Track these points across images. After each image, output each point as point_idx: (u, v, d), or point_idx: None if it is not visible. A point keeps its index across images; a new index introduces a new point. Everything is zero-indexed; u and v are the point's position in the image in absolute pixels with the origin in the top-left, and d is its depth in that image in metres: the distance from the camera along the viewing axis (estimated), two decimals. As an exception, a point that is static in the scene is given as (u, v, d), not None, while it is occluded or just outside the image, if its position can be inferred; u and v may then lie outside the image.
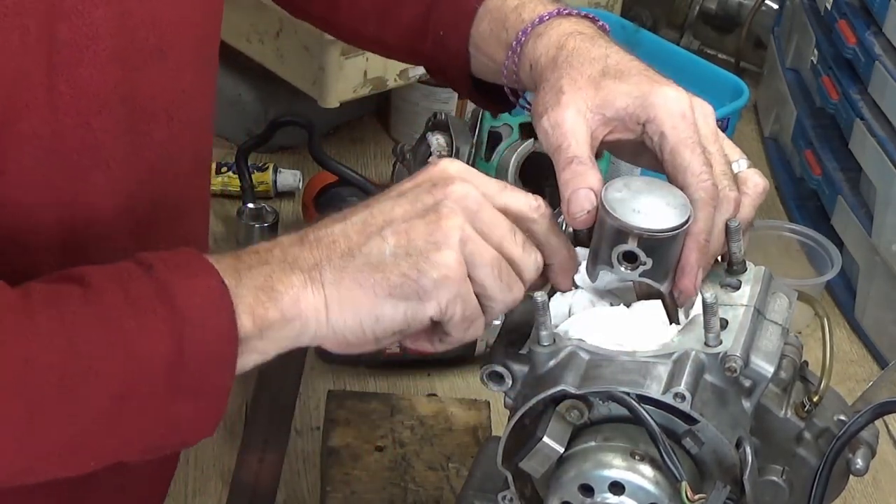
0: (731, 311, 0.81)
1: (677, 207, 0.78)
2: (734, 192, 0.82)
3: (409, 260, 0.73)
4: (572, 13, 0.92)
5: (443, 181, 0.75)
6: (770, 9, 1.83)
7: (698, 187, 0.80)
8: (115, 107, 0.82)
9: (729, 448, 0.77)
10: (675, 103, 0.83)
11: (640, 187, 0.79)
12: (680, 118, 0.82)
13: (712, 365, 0.78)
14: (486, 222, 0.75)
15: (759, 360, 0.79)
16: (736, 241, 0.84)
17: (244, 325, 0.72)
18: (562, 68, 0.86)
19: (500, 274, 0.75)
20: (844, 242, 1.46)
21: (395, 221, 0.74)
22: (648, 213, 0.77)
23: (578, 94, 0.84)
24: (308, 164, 1.55)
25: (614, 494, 0.76)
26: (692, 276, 0.80)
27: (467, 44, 0.97)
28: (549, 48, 0.88)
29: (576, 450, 0.78)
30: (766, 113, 1.78)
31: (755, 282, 0.84)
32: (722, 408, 0.78)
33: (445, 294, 0.74)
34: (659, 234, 0.77)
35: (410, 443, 1.18)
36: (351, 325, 0.74)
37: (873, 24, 1.41)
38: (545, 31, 0.90)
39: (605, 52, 0.87)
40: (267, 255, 0.75)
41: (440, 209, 0.74)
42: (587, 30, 0.90)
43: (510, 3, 0.94)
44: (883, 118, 1.38)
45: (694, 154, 0.81)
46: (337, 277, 0.74)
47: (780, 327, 0.82)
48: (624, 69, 0.85)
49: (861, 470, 0.84)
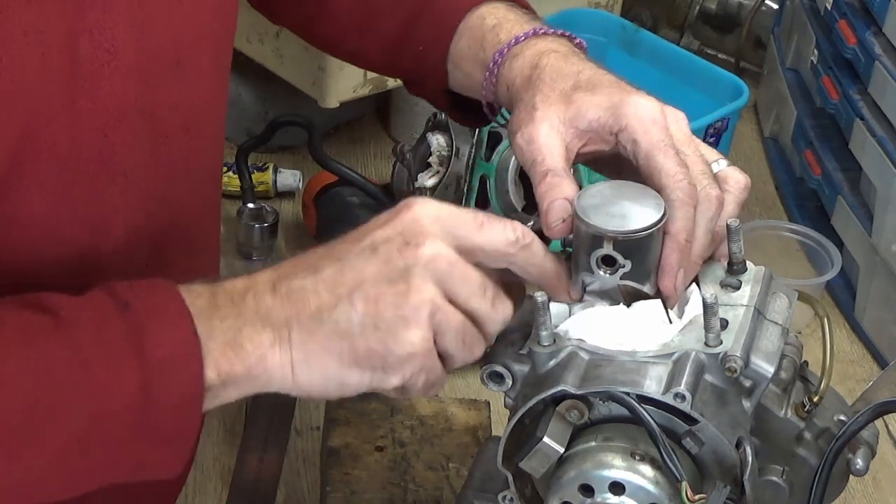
0: (732, 311, 0.81)
1: (651, 207, 0.78)
2: (716, 191, 0.82)
3: (376, 333, 0.73)
4: (549, 32, 0.92)
5: (415, 238, 0.74)
6: (770, 9, 1.83)
7: (674, 187, 0.80)
8: (134, 120, 0.82)
9: (729, 448, 0.77)
10: (645, 110, 0.83)
11: (614, 192, 0.80)
12: (651, 123, 0.82)
13: (712, 365, 0.78)
14: (457, 281, 0.74)
15: (759, 360, 0.79)
16: (736, 242, 0.84)
17: (209, 377, 0.73)
18: (535, 86, 0.87)
19: (464, 338, 0.76)
20: (844, 242, 1.46)
21: (365, 284, 0.73)
22: (622, 216, 0.78)
23: (551, 109, 0.84)
24: (308, 164, 1.55)
25: (614, 494, 0.76)
26: (672, 277, 0.80)
27: (446, 60, 0.97)
28: (523, 68, 0.89)
29: (576, 450, 0.78)
30: (766, 113, 1.78)
31: (755, 282, 0.84)
32: (722, 408, 0.78)
33: (410, 368, 0.75)
34: (633, 235, 0.77)
35: (410, 443, 1.18)
36: (317, 385, 0.75)
37: (873, 24, 1.41)
38: (521, 51, 0.91)
39: (577, 68, 0.87)
40: (241, 302, 0.74)
41: (410, 278, 0.73)
42: (561, 48, 0.90)
43: (488, 22, 0.95)
44: (883, 118, 1.38)
45: (667, 156, 0.81)
46: (304, 339, 0.74)
47: (780, 327, 0.82)
48: (595, 82, 0.86)
49: (861, 470, 0.84)
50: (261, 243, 1.47)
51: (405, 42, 1.00)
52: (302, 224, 1.52)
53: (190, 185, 0.91)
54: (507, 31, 0.93)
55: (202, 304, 0.74)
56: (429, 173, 1.38)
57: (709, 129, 1.48)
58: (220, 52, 0.91)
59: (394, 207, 0.76)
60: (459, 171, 1.37)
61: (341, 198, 1.45)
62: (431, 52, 0.98)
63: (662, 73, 1.61)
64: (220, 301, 0.74)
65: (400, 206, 0.76)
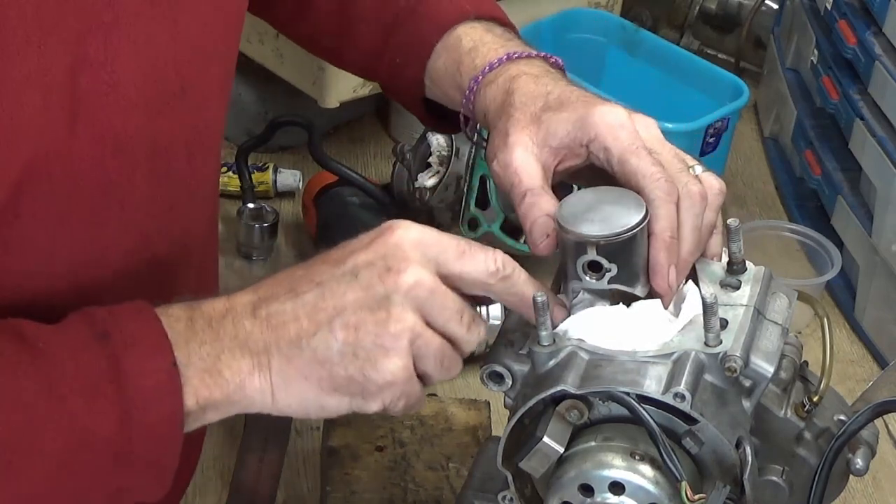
0: (731, 311, 0.81)
1: (632, 208, 0.79)
2: (697, 187, 0.82)
3: (355, 362, 0.73)
4: (523, 55, 0.93)
5: (396, 263, 0.74)
6: (770, 9, 1.83)
7: (652, 187, 0.80)
8: (134, 148, 0.81)
9: (729, 448, 0.77)
10: (612, 117, 0.83)
11: (594, 198, 0.80)
12: (619, 129, 0.83)
13: (712, 365, 0.78)
14: (436, 307, 0.75)
15: (759, 360, 0.79)
16: (736, 242, 0.84)
17: (188, 405, 0.73)
18: (507, 112, 0.88)
19: (442, 360, 0.76)
20: (844, 242, 1.46)
21: (346, 312, 0.73)
22: (603, 221, 0.78)
23: (523, 133, 0.85)
24: (308, 164, 1.55)
25: (614, 494, 0.76)
26: (663, 275, 0.80)
27: (422, 75, 0.98)
28: (497, 95, 0.90)
29: (576, 450, 0.78)
30: (766, 113, 1.78)
31: (755, 282, 0.84)
32: (722, 408, 0.78)
33: (390, 395, 0.75)
34: (615, 238, 0.78)
35: (410, 443, 1.18)
36: (296, 409, 0.76)
37: (873, 24, 1.41)
38: (494, 78, 0.91)
39: (547, 89, 0.88)
40: (219, 326, 0.74)
41: (391, 306, 0.73)
42: (534, 70, 0.91)
43: (465, 45, 0.95)
44: (883, 118, 1.38)
45: (640, 157, 0.82)
46: (284, 366, 0.74)
47: (780, 327, 0.82)
48: (563, 100, 0.86)
49: (861, 470, 0.84)
50: (261, 243, 1.47)
51: (383, 53, 1.01)
52: (302, 224, 1.52)
53: (190, 207, 0.90)
54: (483, 55, 0.94)
55: (180, 328, 0.74)
56: (429, 173, 1.39)
57: (709, 129, 1.48)
58: (224, 74, 0.91)
59: (376, 228, 0.76)
60: (459, 171, 1.37)
61: (341, 198, 1.45)
62: (408, 66, 0.99)
63: (662, 73, 1.61)
64: (199, 326, 0.74)
65: (383, 227, 0.76)
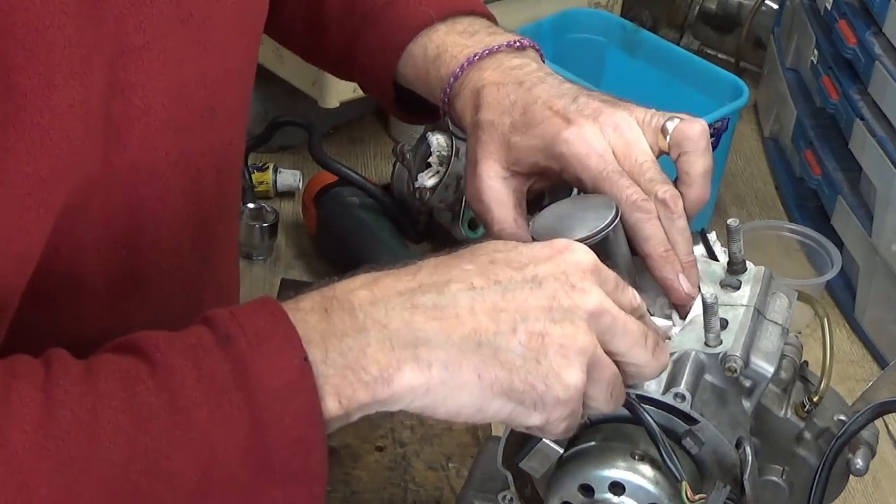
0: (731, 311, 0.81)
1: (601, 211, 0.80)
2: (669, 191, 0.83)
3: (539, 369, 0.68)
4: (483, 55, 0.92)
5: (579, 282, 0.70)
6: (770, 9, 1.83)
7: (631, 209, 0.82)
8: (167, 172, 0.80)
9: (729, 448, 0.77)
10: (578, 146, 0.84)
11: (564, 208, 0.81)
12: (586, 158, 0.83)
13: (712, 365, 0.78)
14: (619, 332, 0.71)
15: (759, 360, 0.79)
16: (736, 242, 0.84)
17: (329, 409, 0.66)
18: (475, 133, 0.88)
19: (612, 389, 0.72)
20: (844, 242, 1.46)
21: (529, 317, 0.69)
22: (577, 227, 0.79)
23: (490, 159, 0.86)
24: (308, 164, 1.55)
25: (614, 494, 0.76)
26: (677, 288, 0.82)
27: (391, 76, 0.97)
28: (465, 110, 0.90)
29: (576, 450, 0.78)
30: (766, 113, 1.78)
31: (755, 282, 0.84)
32: (722, 408, 0.78)
33: (559, 412, 0.70)
34: (590, 240, 0.78)
35: (410, 443, 1.18)
36: (449, 409, 0.69)
37: (873, 24, 1.41)
38: (460, 90, 0.91)
39: (511, 99, 0.87)
40: (364, 316, 0.68)
41: (576, 321, 0.69)
42: (496, 74, 0.90)
43: (430, 53, 0.94)
44: (883, 118, 1.38)
45: (612, 183, 0.82)
46: (453, 361, 0.67)
47: (780, 327, 0.82)
48: (529, 119, 0.86)
49: (861, 470, 0.84)
50: (261, 243, 1.47)
51: (353, 55, 1.00)
52: (302, 224, 1.52)
53: (219, 224, 0.89)
54: (446, 64, 0.93)
55: (314, 321, 0.67)
56: (429, 173, 1.38)
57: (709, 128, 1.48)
58: (246, 92, 0.90)
59: (546, 243, 0.73)
60: (459, 171, 1.37)
61: (341, 198, 1.45)
62: (377, 69, 0.98)
63: (662, 73, 1.61)
64: (337, 317, 0.68)
65: (556, 244, 0.72)
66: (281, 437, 0.65)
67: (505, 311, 0.69)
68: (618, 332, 0.71)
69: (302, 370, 0.65)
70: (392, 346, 0.67)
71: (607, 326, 0.70)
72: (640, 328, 0.72)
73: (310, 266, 1.46)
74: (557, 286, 0.70)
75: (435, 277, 0.70)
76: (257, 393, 0.65)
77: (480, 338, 0.68)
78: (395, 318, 0.68)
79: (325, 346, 0.66)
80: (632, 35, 1.66)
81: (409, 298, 0.68)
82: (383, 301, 0.68)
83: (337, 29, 1.01)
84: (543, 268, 0.70)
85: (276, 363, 0.65)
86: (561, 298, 0.69)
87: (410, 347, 0.67)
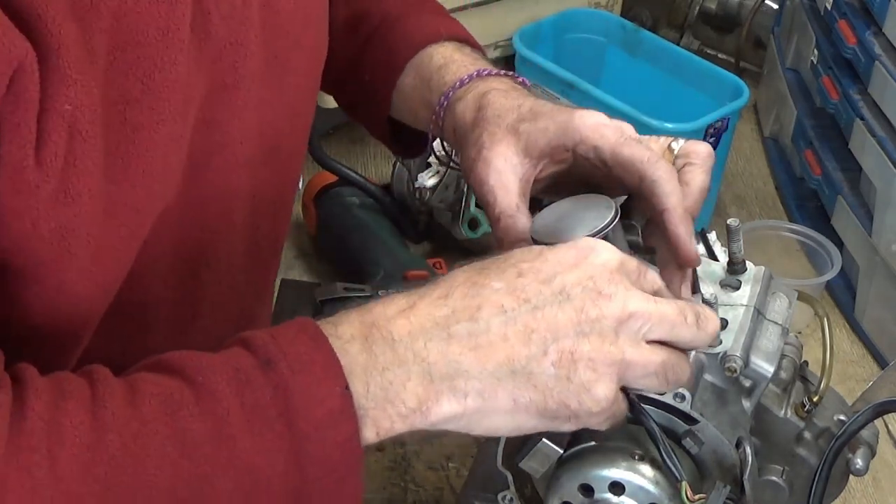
0: (731, 311, 0.82)
1: (601, 210, 0.79)
2: None
3: (570, 388, 0.70)
4: (492, 73, 0.93)
5: (606, 287, 0.71)
6: (770, 9, 1.83)
7: (653, 169, 0.81)
8: (234, 207, 0.82)
9: (729, 448, 0.77)
10: (593, 119, 0.84)
11: (564, 208, 0.81)
12: (603, 128, 0.84)
13: (712, 365, 0.78)
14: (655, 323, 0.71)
15: (759, 360, 0.79)
16: (736, 242, 0.84)
17: (366, 438, 0.68)
18: (480, 126, 0.88)
19: (666, 374, 0.72)
20: (844, 242, 1.46)
21: (560, 336, 0.70)
22: (577, 227, 0.78)
23: (500, 145, 0.85)
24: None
25: (614, 494, 0.76)
26: (688, 245, 0.80)
27: (391, 92, 0.98)
28: (467, 111, 0.90)
29: (576, 450, 0.78)
30: (766, 113, 1.78)
31: (755, 282, 0.84)
32: (722, 408, 0.78)
33: (594, 420, 0.72)
34: None
35: (410, 443, 1.18)
36: (486, 429, 0.71)
37: (873, 24, 1.41)
38: (464, 94, 0.91)
39: (518, 101, 0.88)
40: (405, 349, 0.69)
41: (604, 331, 0.70)
42: (502, 86, 0.91)
43: (435, 63, 0.96)
44: (883, 118, 1.38)
45: (631, 147, 0.83)
46: (489, 389, 0.69)
47: (780, 327, 0.83)
48: (537, 112, 0.87)
49: (861, 470, 0.84)
50: (261, 243, 1.47)
51: (356, 69, 1.01)
52: (302, 224, 1.52)
53: (271, 260, 0.92)
54: (453, 72, 0.94)
55: (355, 351, 0.69)
56: (429, 173, 1.38)
57: (709, 129, 1.48)
58: (307, 131, 0.93)
59: (570, 244, 0.73)
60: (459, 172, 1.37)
61: (341, 198, 1.45)
62: (378, 83, 0.99)
63: (662, 73, 1.61)
64: (378, 348, 0.69)
65: (581, 245, 0.73)
66: (320, 465, 0.67)
67: (536, 331, 0.70)
68: (653, 323, 0.71)
69: (343, 399, 0.67)
70: (431, 378, 0.69)
71: (639, 325, 0.71)
72: (674, 309, 0.72)
73: (310, 266, 1.46)
74: (585, 297, 0.71)
75: (467, 301, 0.71)
76: (299, 421, 0.66)
77: (514, 365, 0.69)
78: (433, 351, 0.69)
79: (366, 379, 0.68)
80: (632, 35, 1.66)
81: (444, 328, 0.70)
82: (421, 333, 0.69)
83: (341, 45, 1.01)
84: (571, 276, 0.71)
85: (319, 392, 0.66)
86: (589, 310, 0.70)
87: (448, 380, 0.69)
